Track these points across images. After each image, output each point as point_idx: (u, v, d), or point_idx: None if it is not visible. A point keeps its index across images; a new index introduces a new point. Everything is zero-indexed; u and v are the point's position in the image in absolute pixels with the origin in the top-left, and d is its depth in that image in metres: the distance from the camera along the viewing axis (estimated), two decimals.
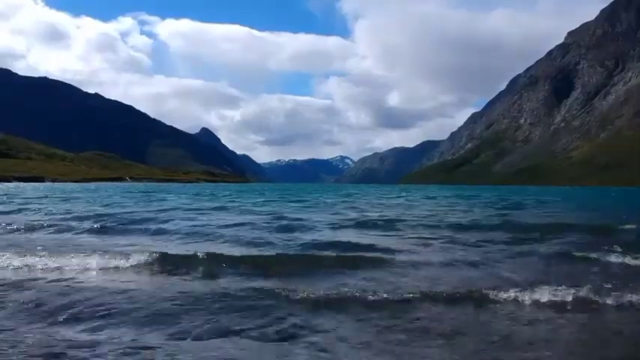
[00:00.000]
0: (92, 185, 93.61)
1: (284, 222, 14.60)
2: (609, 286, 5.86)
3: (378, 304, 5.29)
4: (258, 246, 9.67)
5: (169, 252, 8.12)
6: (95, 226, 12.59)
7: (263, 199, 32.96)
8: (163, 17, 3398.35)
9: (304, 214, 18.21)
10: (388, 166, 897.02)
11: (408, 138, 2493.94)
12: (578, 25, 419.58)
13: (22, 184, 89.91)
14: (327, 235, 11.61)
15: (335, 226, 13.73)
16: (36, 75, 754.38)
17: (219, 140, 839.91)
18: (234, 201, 30.22)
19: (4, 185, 79.16)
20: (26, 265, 7.20)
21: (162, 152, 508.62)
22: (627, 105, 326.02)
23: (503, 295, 5.44)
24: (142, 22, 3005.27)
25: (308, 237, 11.09)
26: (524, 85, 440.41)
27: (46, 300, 5.26)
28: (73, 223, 13.35)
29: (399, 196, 43.39)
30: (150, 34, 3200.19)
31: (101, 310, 4.91)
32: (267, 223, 14.22)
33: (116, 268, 7.16)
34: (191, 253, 7.97)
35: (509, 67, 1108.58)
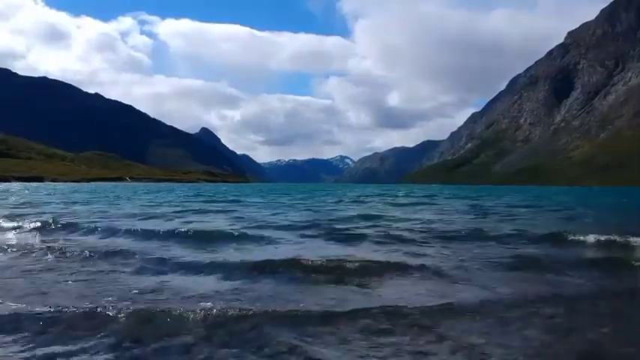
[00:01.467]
0: (92, 185, 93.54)
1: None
2: None
3: None
4: None
5: None
6: None
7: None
8: (163, 17, 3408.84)
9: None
10: (388, 166, 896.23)
11: (408, 138, 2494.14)
12: (578, 25, 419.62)
13: (16, 184, 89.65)
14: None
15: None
16: (36, 75, 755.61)
17: (219, 140, 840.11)
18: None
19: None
20: None
21: (163, 152, 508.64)
22: (627, 105, 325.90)
23: None
24: (142, 22, 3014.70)
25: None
26: (524, 85, 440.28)
27: None
28: None
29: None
30: (150, 34, 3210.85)
31: None
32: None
33: None
34: None
35: (509, 67, 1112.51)
